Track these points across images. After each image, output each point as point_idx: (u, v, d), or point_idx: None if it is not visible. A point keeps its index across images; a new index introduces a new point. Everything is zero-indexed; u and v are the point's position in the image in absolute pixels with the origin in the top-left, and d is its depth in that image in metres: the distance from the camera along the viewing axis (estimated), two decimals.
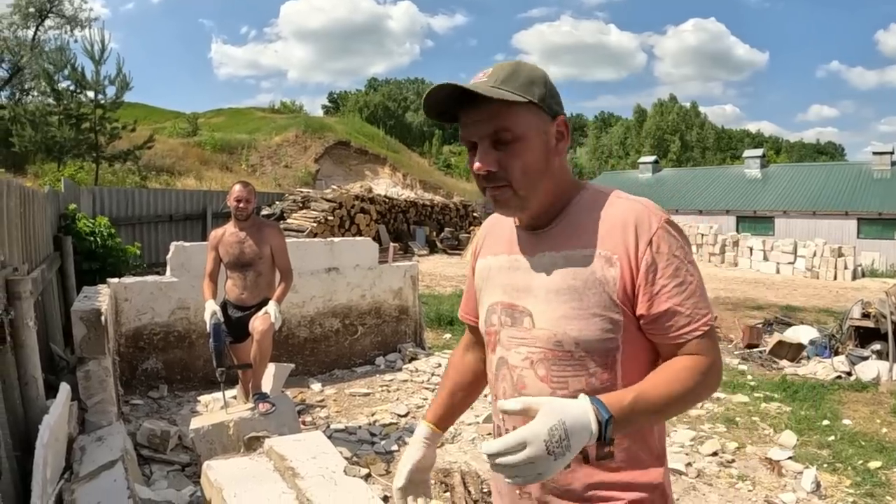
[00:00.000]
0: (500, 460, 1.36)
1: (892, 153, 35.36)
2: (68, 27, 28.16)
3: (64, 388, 4.39)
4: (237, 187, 5.72)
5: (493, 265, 1.84)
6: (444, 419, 2.10)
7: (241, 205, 5.65)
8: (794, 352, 10.08)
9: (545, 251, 1.69)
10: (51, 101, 25.25)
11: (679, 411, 1.61)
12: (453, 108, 1.65)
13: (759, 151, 43.40)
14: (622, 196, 1.69)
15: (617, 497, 1.65)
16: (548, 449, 1.35)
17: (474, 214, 33.73)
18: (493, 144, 1.60)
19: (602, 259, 1.60)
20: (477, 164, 1.62)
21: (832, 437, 6.45)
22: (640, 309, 1.59)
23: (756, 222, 34.23)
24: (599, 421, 1.40)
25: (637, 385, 1.53)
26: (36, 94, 26.62)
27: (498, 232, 1.90)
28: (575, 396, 1.55)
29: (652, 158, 50.05)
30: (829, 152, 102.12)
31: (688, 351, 1.58)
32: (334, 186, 29.98)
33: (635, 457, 1.67)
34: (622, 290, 1.58)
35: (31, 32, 27.77)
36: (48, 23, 28.13)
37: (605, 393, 1.52)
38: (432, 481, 5.23)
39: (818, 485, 5.34)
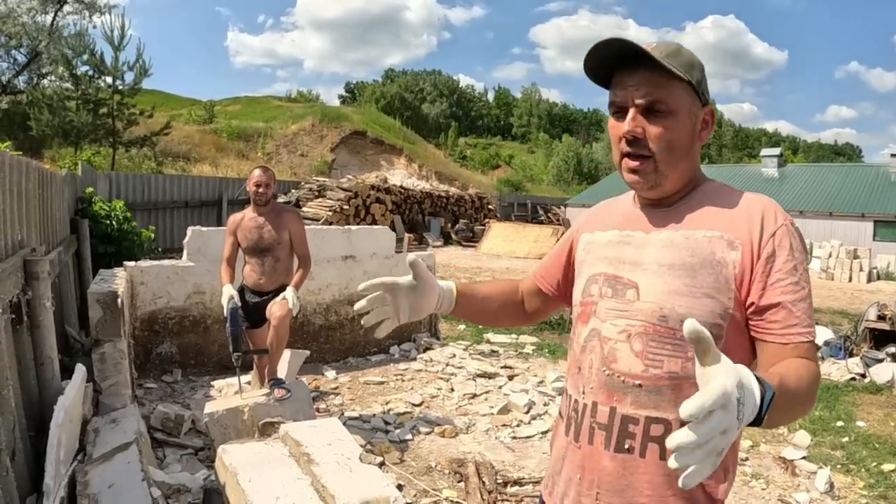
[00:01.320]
0: (703, 429, 1.09)
1: None
2: (87, 13, 28.15)
3: (80, 370, 4.38)
4: (257, 172, 5.72)
5: (601, 239, 1.82)
6: (468, 297, 2.05)
7: (261, 189, 5.65)
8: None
9: (664, 228, 1.68)
10: (69, 85, 25.28)
11: (797, 413, 1.44)
12: (610, 67, 1.64)
13: (777, 150, 43.09)
14: (751, 192, 1.67)
15: None
16: (738, 410, 1.12)
17: (489, 206, 33.73)
18: (645, 113, 1.60)
19: (724, 242, 1.58)
20: (626, 128, 1.61)
21: (846, 439, 6.41)
22: (752, 296, 1.55)
23: None
24: (763, 394, 1.21)
25: (774, 371, 1.39)
26: (54, 78, 26.66)
27: (610, 211, 1.90)
28: (669, 379, 1.54)
29: None
30: (846, 153, 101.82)
31: (798, 354, 1.51)
32: (350, 176, 29.97)
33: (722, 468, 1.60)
34: (740, 275, 1.55)
35: (49, 18, 27.78)
36: (67, 8, 28.12)
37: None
38: (445, 471, 5.24)
39: (832, 485, 5.31)
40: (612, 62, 1.62)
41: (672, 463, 1.10)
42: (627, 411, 1.61)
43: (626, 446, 1.61)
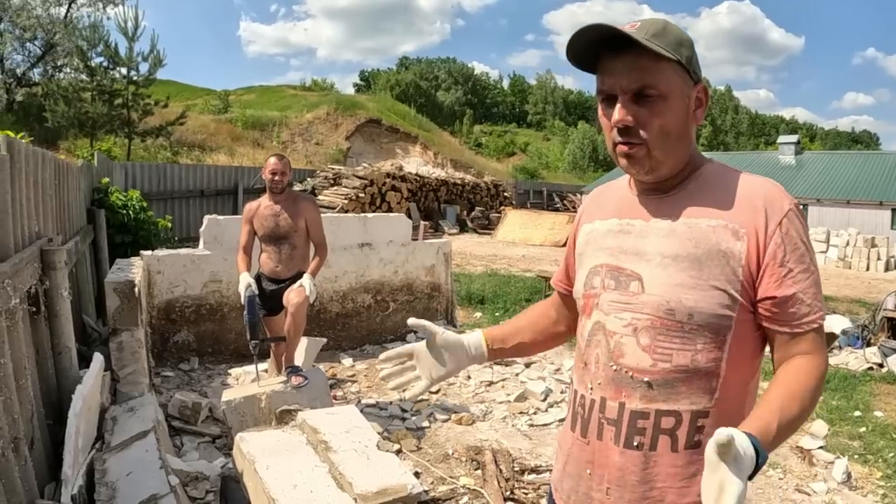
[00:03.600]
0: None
1: None
2: (101, 4, 28.26)
3: (97, 359, 4.40)
4: (272, 160, 5.73)
5: (600, 229, 1.77)
6: (499, 340, 2.03)
7: (277, 177, 5.66)
8: (826, 341, 9.97)
9: (664, 217, 1.63)
10: (84, 77, 25.38)
11: (805, 419, 1.52)
12: (595, 53, 1.59)
13: (794, 138, 42.77)
14: (751, 174, 1.63)
15: None
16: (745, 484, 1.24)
17: (505, 194, 33.69)
18: (635, 99, 1.54)
19: (728, 231, 1.54)
20: (616, 117, 1.55)
21: (863, 429, 6.38)
22: (768, 290, 1.52)
23: None
24: (756, 451, 1.28)
25: (778, 404, 1.45)
26: (69, 70, 26.78)
27: (606, 198, 1.85)
28: (679, 372, 1.53)
29: None
30: (863, 141, 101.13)
31: (804, 348, 1.53)
32: (365, 164, 29.99)
33: None
34: (747, 266, 1.52)
35: (63, 10, 27.91)
36: (80, 0, 28.26)
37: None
38: (462, 458, 5.24)
39: (849, 475, 5.28)
40: (596, 47, 1.57)
41: None
42: (637, 406, 1.59)
43: (636, 443, 1.59)
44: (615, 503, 1.63)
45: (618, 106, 1.55)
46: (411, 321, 1.92)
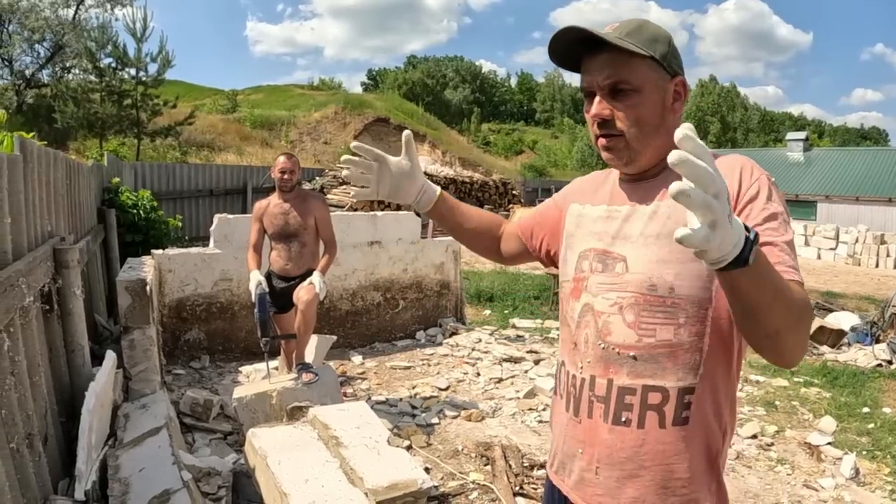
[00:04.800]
0: (692, 149, 1.09)
1: None
2: (109, 5, 28.34)
3: (110, 356, 4.44)
4: (281, 159, 5.78)
5: (591, 214, 1.84)
6: (450, 204, 2.17)
7: (286, 176, 5.71)
8: (834, 338, 9.95)
9: (647, 202, 1.69)
10: (93, 78, 25.40)
11: (787, 318, 1.35)
12: (577, 54, 1.68)
13: (803, 134, 42.72)
14: (728, 155, 1.67)
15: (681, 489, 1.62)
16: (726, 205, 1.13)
17: (513, 192, 33.60)
18: (611, 94, 1.63)
19: None
20: (594, 110, 1.65)
21: (872, 425, 6.37)
22: None
23: (798, 206, 33.68)
24: (748, 234, 1.20)
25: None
26: (78, 71, 26.85)
27: (598, 183, 1.92)
28: (663, 346, 1.56)
29: None
30: (872, 137, 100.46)
31: None
32: None
33: (708, 436, 1.62)
34: None
35: (71, 11, 27.99)
36: (89, 1, 28.34)
37: (694, 340, 1.54)
38: (472, 454, 5.27)
39: (857, 471, 5.28)
40: (577, 48, 1.66)
41: (672, 189, 1.08)
42: (624, 382, 1.64)
43: (624, 419, 1.64)
44: (604, 483, 1.69)
45: (596, 100, 1.66)
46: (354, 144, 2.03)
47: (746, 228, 1.21)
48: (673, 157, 1.08)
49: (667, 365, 1.59)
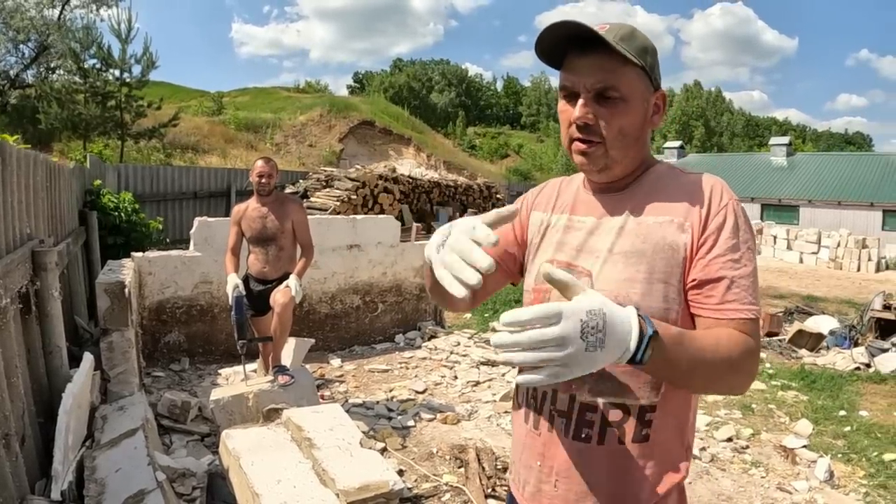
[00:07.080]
0: (526, 334, 1.20)
1: None
2: (94, 6, 28.21)
3: (87, 358, 4.47)
4: (259, 163, 5.82)
5: (553, 223, 1.79)
6: None
7: (263, 180, 5.75)
8: (813, 341, 10.03)
9: (615, 215, 1.66)
10: (77, 79, 25.29)
11: (713, 378, 1.45)
12: (563, 51, 1.60)
13: (786, 139, 42.90)
14: (698, 173, 1.67)
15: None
16: (582, 331, 1.21)
17: (497, 196, 33.62)
18: (597, 98, 1.56)
19: (674, 226, 1.57)
20: (577, 114, 1.57)
21: (848, 428, 6.43)
22: (694, 273, 1.54)
23: (781, 211, 33.87)
24: (642, 332, 1.28)
25: (687, 330, 1.47)
26: (62, 72, 26.71)
27: (561, 191, 1.87)
28: (625, 365, 1.50)
29: (677, 144, 49.46)
30: (856, 142, 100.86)
31: (734, 328, 1.49)
32: (358, 166, 29.93)
33: (668, 452, 1.63)
34: (689, 258, 1.55)
35: (56, 12, 27.86)
36: (74, 2, 28.19)
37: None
38: (446, 456, 5.31)
39: (831, 474, 5.34)
40: (564, 44, 1.58)
41: (495, 356, 1.13)
42: (586, 399, 1.61)
43: (584, 434, 1.62)
44: (563, 495, 1.66)
45: (580, 103, 1.57)
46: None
47: (642, 328, 1.29)
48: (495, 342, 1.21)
49: (629, 383, 1.58)
